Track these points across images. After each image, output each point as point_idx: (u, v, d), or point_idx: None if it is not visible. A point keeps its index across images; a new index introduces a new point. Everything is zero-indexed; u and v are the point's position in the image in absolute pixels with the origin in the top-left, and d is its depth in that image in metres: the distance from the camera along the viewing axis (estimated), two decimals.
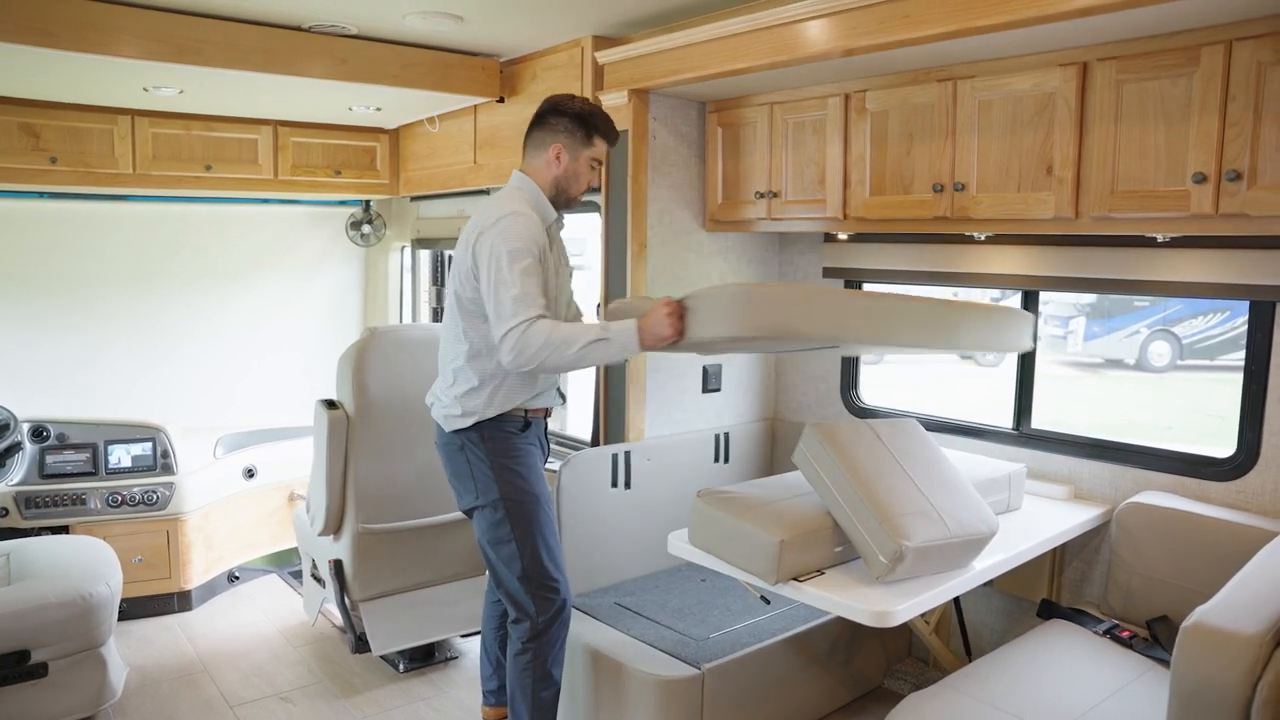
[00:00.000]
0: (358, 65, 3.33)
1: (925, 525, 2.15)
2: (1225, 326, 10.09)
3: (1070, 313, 10.78)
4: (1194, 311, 10.35)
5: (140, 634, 3.81)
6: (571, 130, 2.55)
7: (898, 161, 2.77)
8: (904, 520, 2.13)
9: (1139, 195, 2.25)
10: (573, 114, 2.55)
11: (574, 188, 2.59)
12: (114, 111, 3.86)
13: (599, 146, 2.58)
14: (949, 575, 2.23)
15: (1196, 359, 10.14)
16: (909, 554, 2.09)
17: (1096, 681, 2.24)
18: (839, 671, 3.06)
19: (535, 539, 2.52)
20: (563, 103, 2.57)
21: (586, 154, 2.56)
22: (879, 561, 2.13)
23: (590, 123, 2.55)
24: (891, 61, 2.65)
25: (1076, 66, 2.34)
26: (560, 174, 2.56)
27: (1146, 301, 10.50)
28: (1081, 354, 10.60)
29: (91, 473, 3.89)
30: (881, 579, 2.16)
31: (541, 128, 2.58)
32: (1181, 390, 9.94)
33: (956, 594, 2.32)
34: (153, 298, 4.49)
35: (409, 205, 4.94)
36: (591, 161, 2.58)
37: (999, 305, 2.50)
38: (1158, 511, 2.54)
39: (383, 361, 3.36)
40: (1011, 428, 3.08)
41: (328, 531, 3.44)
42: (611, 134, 2.61)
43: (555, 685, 2.61)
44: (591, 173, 2.60)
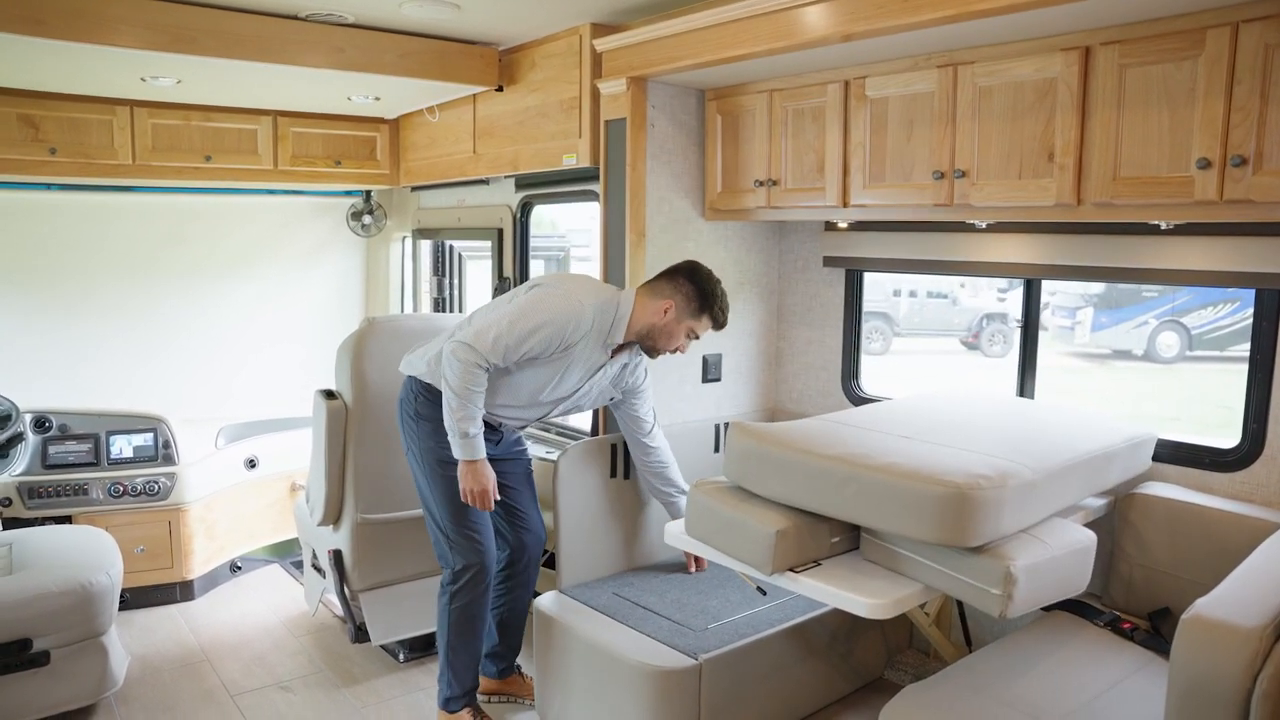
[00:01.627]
0: (355, 54, 3.31)
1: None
2: (1235, 317, 10.01)
3: (1078, 303, 10.72)
4: (1203, 302, 10.27)
5: (142, 623, 3.82)
6: (690, 298, 2.77)
7: (898, 148, 2.73)
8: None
9: (1142, 182, 2.21)
10: (699, 287, 2.77)
11: (662, 343, 2.81)
12: (113, 102, 3.86)
13: (703, 324, 2.80)
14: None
15: (1206, 350, 10.07)
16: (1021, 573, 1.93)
17: (1097, 674, 2.22)
18: (839, 663, 3.05)
19: (449, 501, 2.81)
20: (698, 273, 2.81)
21: (689, 324, 2.79)
22: (991, 595, 1.95)
23: (708, 302, 2.77)
24: (891, 47, 2.61)
25: (1079, 51, 2.29)
26: (660, 325, 2.77)
27: (1155, 292, 10.43)
28: (1089, 345, 10.54)
29: (93, 463, 3.90)
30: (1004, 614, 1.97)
31: (671, 280, 2.80)
32: (1190, 381, 9.88)
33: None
34: (154, 288, 4.50)
35: (409, 195, 4.92)
36: (691, 332, 2.80)
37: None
38: (1160, 503, 2.51)
39: (381, 351, 3.36)
40: None
41: (327, 522, 3.44)
42: (720, 322, 2.83)
43: (473, 637, 2.92)
44: (684, 341, 2.82)
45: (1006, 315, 11.63)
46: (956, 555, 2.01)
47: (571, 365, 2.78)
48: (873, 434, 2.31)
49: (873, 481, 2.04)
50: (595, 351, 2.78)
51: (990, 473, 1.98)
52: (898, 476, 2.00)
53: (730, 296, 3.48)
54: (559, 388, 2.82)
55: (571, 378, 2.81)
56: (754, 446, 2.28)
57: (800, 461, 2.17)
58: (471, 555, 2.86)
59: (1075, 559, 2.10)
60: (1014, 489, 1.99)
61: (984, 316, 11.55)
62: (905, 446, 2.18)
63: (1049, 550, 2.03)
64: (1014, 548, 2.00)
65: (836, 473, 2.10)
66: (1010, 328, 11.52)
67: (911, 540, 2.07)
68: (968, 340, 11.55)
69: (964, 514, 1.91)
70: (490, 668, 3.18)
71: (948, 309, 11.88)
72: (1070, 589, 2.12)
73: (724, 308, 2.80)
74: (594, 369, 2.82)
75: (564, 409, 2.95)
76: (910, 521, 1.98)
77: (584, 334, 2.73)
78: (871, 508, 2.06)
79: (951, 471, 1.98)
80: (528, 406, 2.87)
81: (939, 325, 11.78)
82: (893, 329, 11.38)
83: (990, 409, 2.71)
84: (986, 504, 1.93)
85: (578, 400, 2.92)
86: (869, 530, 2.22)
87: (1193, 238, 2.47)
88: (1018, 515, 2.03)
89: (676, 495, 3.04)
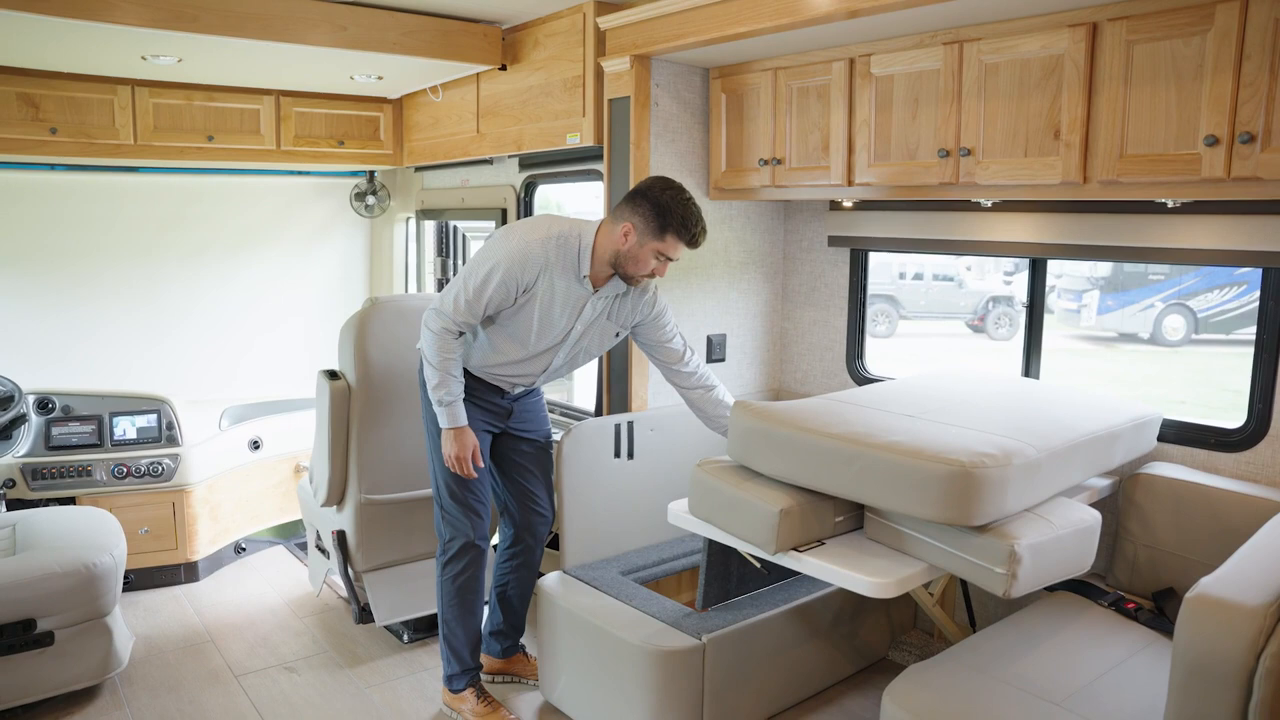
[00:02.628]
0: (357, 32, 3.29)
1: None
2: (1241, 300, 9.98)
3: (1084, 286, 10.68)
4: (1210, 285, 10.24)
5: (147, 604, 3.84)
6: (648, 218, 2.58)
7: (903, 127, 2.71)
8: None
9: (1149, 159, 2.19)
10: (654, 202, 2.57)
11: (630, 268, 2.65)
12: (114, 81, 3.84)
13: (670, 244, 2.59)
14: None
15: (1212, 333, 10.03)
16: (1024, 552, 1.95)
17: (1101, 654, 2.22)
18: (843, 643, 3.06)
19: (445, 472, 2.80)
20: (655, 188, 2.60)
21: (654, 245, 2.60)
22: (995, 574, 1.97)
23: (667, 219, 2.56)
24: (896, 24, 2.59)
25: (1086, 27, 2.27)
26: (624, 251, 2.62)
27: (1161, 275, 10.39)
28: (1095, 328, 10.51)
29: (97, 444, 3.90)
30: (1008, 593, 1.99)
31: (630, 201, 2.62)
32: (1195, 365, 9.86)
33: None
34: (156, 269, 4.49)
35: (413, 176, 4.90)
36: (657, 254, 2.61)
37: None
38: (1165, 483, 2.50)
39: (384, 331, 3.35)
40: None
41: (330, 502, 3.45)
42: (691, 239, 2.59)
43: (468, 613, 2.91)
44: (656, 263, 2.63)
45: (1013, 298, 11.59)
46: (961, 534, 2.01)
47: (551, 305, 2.69)
48: (876, 413, 2.30)
49: (877, 460, 2.03)
50: (572, 286, 2.67)
51: (995, 451, 1.97)
52: (902, 455, 1.99)
53: (734, 277, 3.52)
54: (547, 332, 2.74)
55: (556, 319, 2.72)
56: (757, 425, 2.28)
57: (804, 440, 2.16)
58: (459, 526, 2.85)
59: (1080, 538, 2.09)
60: (1018, 468, 1.98)
61: (990, 299, 11.52)
62: (909, 425, 2.17)
63: (1054, 529, 2.03)
64: (1018, 526, 2.00)
65: (841, 451, 2.09)
66: (1016, 310, 11.49)
67: (916, 519, 2.06)
68: (973, 323, 11.53)
69: (968, 492, 1.90)
70: (494, 646, 3.19)
71: (954, 292, 11.85)
72: (1075, 568, 2.11)
73: (688, 222, 2.55)
74: (578, 306, 2.71)
75: (568, 356, 2.83)
76: (914, 500, 1.98)
77: (540, 269, 2.62)
78: (876, 486, 2.05)
79: (956, 450, 1.97)
80: (524, 360, 2.80)
81: (945, 308, 11.75)
82: (898, 311, 11.35)
83: (995, 389, 2.70)
84: (990, 482, 1.92)
85: (578, 343, 2.81)
86: (873, 509, 2.21)
87: (1199, 216, 2.45)
88: (1022, 494, 2.02)
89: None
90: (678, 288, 3.34)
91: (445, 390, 2.69)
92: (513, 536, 3.09)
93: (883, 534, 2.19)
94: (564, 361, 2.86)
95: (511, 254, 2.62)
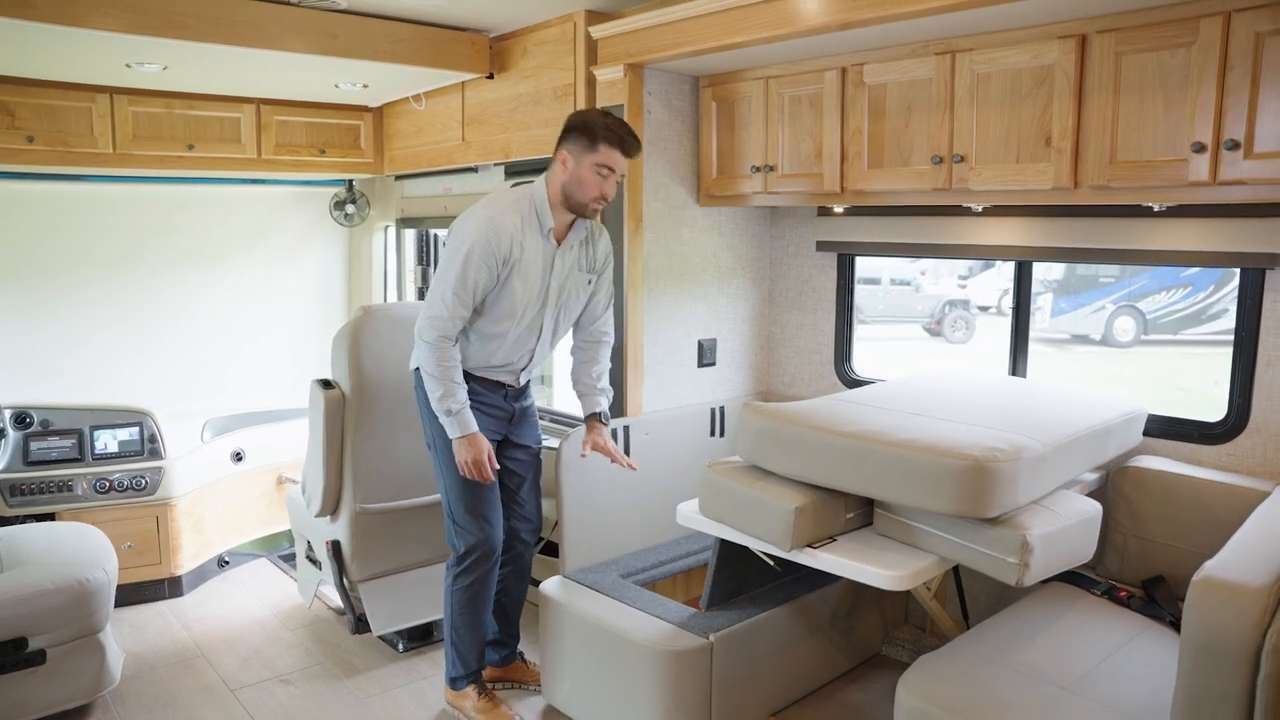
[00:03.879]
0: (347, 40, 3.28)
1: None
2: (1187, 302, 10.33)
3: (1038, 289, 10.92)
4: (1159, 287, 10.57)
5: (133, 620, 3.76)
6: (577, 138, 2.64)
7: (896, 134, 2.79)
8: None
9: (1138, 165, 2.29)
10: (579, 122, 2.66)
11: (579, 193, 2.67)
12: (92, 89, 3.77)
13: (604, 153, 2.62)
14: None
15: (1160, 334, 10.36)
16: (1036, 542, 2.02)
17: (1100, 640, 2.30)
18: (840, 639, 3.12)
19: (457, 484, 2.82)
20: (578, 114, 2.72)
21: (590, 159, 2.62)
22: (1008, 564, 2.04)
23: (593, 129, 2.62)
24: (889, 35, 2.66)
25: (1075, 39, 2.37)
26: (567, 180, 2.66)
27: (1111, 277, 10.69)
28: (1049, 330, 10.78)
29: (77, 459, 3.82)
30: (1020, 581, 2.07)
31: (560, 138, 2.69)
32: (1146, 364, 10.16)
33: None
34: (135, 280, 4.41)
35: (393, 184, 4.88)
36: (598, 168, 2.63)
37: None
38: (1152, 475, 2.61)
39: (377, 339, 3.34)
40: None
41: (325, 512, 3.42)
42: (620, 141, 2.62)
43: (477, 619, 2.94)
44: (601, 180, 2.65)
45: (968, 302, 11.84)
46: (973, 527, 2.08)
47: (529, 270, 2.71)
48: (883, 411, 2.37)
49: (891, 456, 2.09)
50: (540, 244, 2.72)
51: (1005, 446, 2.05)
52: (915, 451, 2.06)
53: (724, 282, 3.58)
54: (531, 298, 2.75)
55: (536, 281, 2.75)
56: (769, 425, 2.33)
57: (818, 439, 2.22)
58: (476, 536, 2.86)
59: (1084, 528, 2.18)
60: (1027, 461, 2.06)
61: (946, 303, 11.75)
62: (918, 423, 2.24)
63: (1061, 520, 2.11)
64: (1028, 518, 2.07)
65: (855, 448, 2.15)
66: (971, 314, 11.74)
67: (929, 513, 2.13)
68: (930, 326, 11.74)
69: (981, 486, 1.98)
70: (492, 656, 3.19)
71: (910, 296, 12.05)
72: (1079, 557, 2.20)
73: (615, 128, 2.62)
74: (549, 262, 2.75)
75: (554, 316, 2.84)
76: (928, 494, 2.04)
77: (512, 236, 2.65)
78: (889, 482, 2.11)
79: (968, 445, 2.04)
80: (519, 337, 2.80)
81: (902, 312, 11.96)
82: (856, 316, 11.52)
83: (989, 388, 2.79)
84: (1002, 476, 1.99)
85: (560, 300, 2.83)
86: (883, 505, 2.28)
87: (1183, 219, 2.56)
88: (1030, 487, 2.10)
89: (597, 392, 2.97)
90: (669, 293, 3.38)
91: (451, 399, 2.69)
92: (504, 544, 3.10)
93: (893, 529, 2.26)
94: (552, 325, 2.87)
95: (481, 232, 2.63)
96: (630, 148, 2.66)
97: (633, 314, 3.27)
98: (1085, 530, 2.19)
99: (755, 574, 2.87)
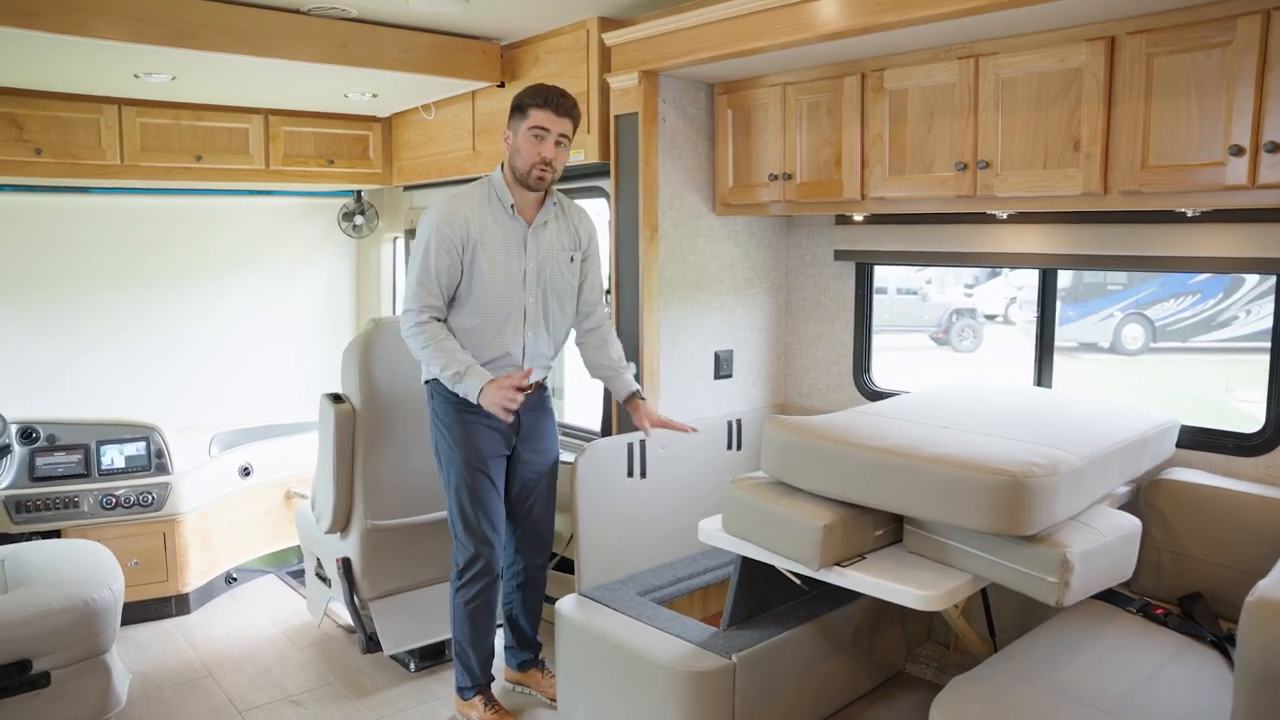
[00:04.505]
0: (357, 49, 3.24)
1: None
2: (1197, 309, 10.26)
3: None
4: (1167, 294, 10.51)
5: (139, 639, 3.70)
6: (512, 113, 2.74)
7: (918, 140, 2.73)
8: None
9: (1172, 169, 2.23)
10: (514, 100, 2.74)
11: (519, 163, 2.72)
12: (100, 100, 3.74)
13: (533, 115, 2.68)
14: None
15: (1169, 341, 10.29)
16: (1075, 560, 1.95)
17: (1140, 659, 2.23)
18: (862, 658, 3.04)
19: (459, 496, 2.83)
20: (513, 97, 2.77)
21: (523, 127, 2.69)
22: (1047, 583, 1.96)
23: (521, 99, 2.71)
24: (910, 39, 2.61)
25: (1104, 41, 2.31)
26: (510, 154, 2.75)
27: (1119, 285, 10.63)
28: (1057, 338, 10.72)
29: (84, 474, 3.77)
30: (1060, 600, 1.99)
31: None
32: (1155, 372, 10.09)
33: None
34: (142, 293, 4.37)
35: (401, 195, 4.84)
36: (531, 132, 2.68)
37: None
38: (1186, 488, 2.53)
39: (388, 353, 3.28)
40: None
41: (335, 529, 3.36)
42: (545, 100, 2.67)
43: (482, 635, 2.94)
44: (537, 142, 2.68)
45: (975, 310, 11.77)
46: (1009, 544, 2.01)
47: (496, 251, 2.72)
48: (911, 425, 2.30)
49: (924, 472, 2.02)
50: (506, 226, 2.76)
51: (1042, 460, 1.98)
52: (951, 466, 1.99)
53: (741, 292, 3.52)
54: (508, 279, 2.74)
55: (508, 262, 2.74)
56: (796, 440, 2.26)
57: (847, 454, 2.15)
58: (474, 549, 2.86)
59: (1123, 545, 2.11)
60: (1065, 476, 1.99)
61: (953, 312, 11.68)
62: (950, 437, 2.17)
63: (1100, 536, 2.04)
64: (1067, 534, 2.00)
65: (886, 464, 2.08)
66: (979, 323, 11.68)
67: (964, 530, 2.06)
68: (937, 336, 11.68)
69: (1020, 502, 1.90)
70: (510, 659, 3.22)
71: (917, 305, 11.98)
72: (1118, 575, 2.12)
73: (539, 89, 2.70)
74: (521, 241, 2.77)
75: (539, 300, 2.81)
76: (963, 511, 1.97)
77: (467, 219, 2.70)
78: (923, 498, 2.04)
79: (1004, 460, 1.97)
80: (503, 324, 2.77)
81: (909, 321, 11.88)
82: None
83: (1017, 399, 2.71)
84: (1041, 491, 1.92)
85: (541, 281, 2.81)
86: (913, 521, 2.21)
87: (1217, 225, 2.49)
88: (1068, 503, 2.03)
89: (624, 370, 2.99)
90: (685, 304, 3.32)
91: (456, 362, 2.64)
92: (513, 557, 3.07)
93: (924, 546, 2.19)
94: (539, 307, 2.82)
95: (435, 220, 2.70)
96: (559, 106, 2.68)
97: (648, 326, 3.21)
98: (1125, 547, 2.11)
99: (777, 591, 2.80)
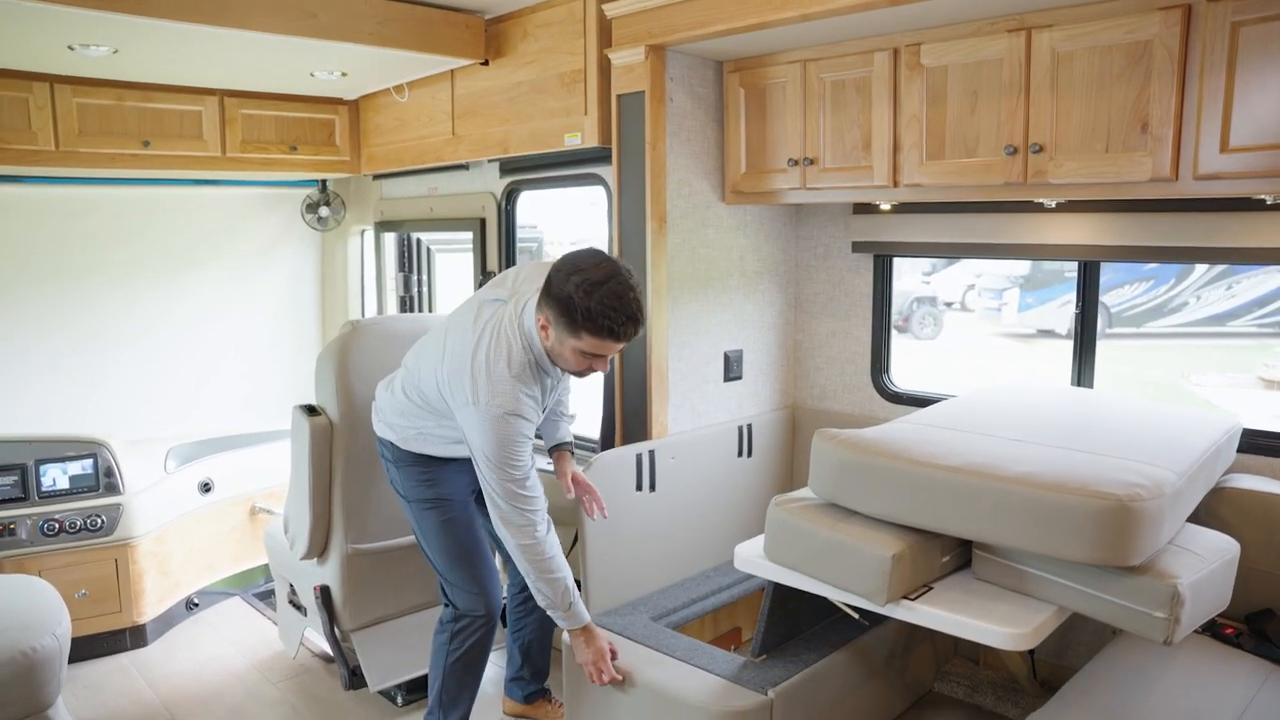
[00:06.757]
0: (328, 21, 2.90)
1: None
2: (1149, 295, 10.35)
3: (1004, 284, 10.89)
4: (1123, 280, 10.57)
5: (88, 679, 3.33)
6: (558, 314, 2.17)
7: (959, 122, 2.50)
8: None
9: (1259, 152, 2.02)
10: (558, 296, 2.14)
11: (564, 366, 2.31)
12: (29, 77, 3.32)
13: (586, 342, 2.17)
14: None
15: (1124, 327, 10.36)
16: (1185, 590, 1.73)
17: (1223, 690, 2.03)
18: (894, 679, 2.83)
19: (443, 542, 2.60)
20: (559, 274, 2.15)
21: (572, 344, 2.20)
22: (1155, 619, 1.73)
23: (574, 315, 2.12)
24: (951, 10, 2.37)
25: (1180, 9, 2.09)
26: (549, 348, 2.27)
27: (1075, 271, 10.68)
28: (1016, 325, 10.72)
29: (21, 498, 3.37)
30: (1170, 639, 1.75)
31: (544, 289, 2.21)
32: (1113, 358, 10.14)
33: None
34: (83, 294, 3.97)
35: (370, 184, 4.48)
36: (578, 353, 2.21)
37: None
38: (1253, 496, 2.35)
39: (368, 359, 2.97)
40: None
41: (311, 555, 3.04)
42: (609, 331, 2.13)
43: (469, 687, 2.66)
44: (582, 360, 2.24)
45: (935, 298, 11.74)
46: (1107, 575, 1.79)
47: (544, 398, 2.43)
48: (980, 438, 2.07)
49: (1013, 495, 1.79)
50: (545, 376, 2.39)
51: (1144, 481, 1.76)
52: (1043, 489, 1.76)
53: (750, 288, 3.26)
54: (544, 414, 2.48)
55: (548, 401, 2.48)
56: (854, 459, 2.01)
57: (919, 474, 1.91)
58: (473, 603, 2.62)
59: (1226, 570, 1.90)
60: (1170, 498, 1.77)
61: (914, 300, 11.62)
62: (1032, 453, 1.94)
63: (1205, 563, 1.83)
64: (1172, 562, 1.79)
65: (967, 486, 1.84)
66: (939, 310, 11.64)
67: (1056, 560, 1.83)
68: (898, 324, 11.59)
69: (1127, 529, 1.68)
70: (515, 691, 2.95)
71: None
72: (1219, 605, 1.92)
73: (600, 311, 2.10)
74: (549, 386, 2.44)
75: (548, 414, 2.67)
76: (1060, 540, 1.74)
77: (536, 386, 2.31)
78: (1009, 525, 1.81)
79: (1103, 481, 1.75)
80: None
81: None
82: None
83: (1076, 406, 2.51)
84: (1148, 516, 1.70)
85: (557, 400, 2.68)
86: (986, 546, 1.98)
87: None
88: (1171, 526, 1.82)
89: (558, 414, 2.75)
90: (694, 302, 3.06)
91: (567, 592, 2.37)
92: (522, 582, 2.77)
93: (998, 574, 1.96)
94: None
95: (505, 404, 2.23)
96: (627, 335, 2.16)
97: (656, 326, 2.94)
98: (1227, 572, 1.91)
99: (805, 614, 2.57)
